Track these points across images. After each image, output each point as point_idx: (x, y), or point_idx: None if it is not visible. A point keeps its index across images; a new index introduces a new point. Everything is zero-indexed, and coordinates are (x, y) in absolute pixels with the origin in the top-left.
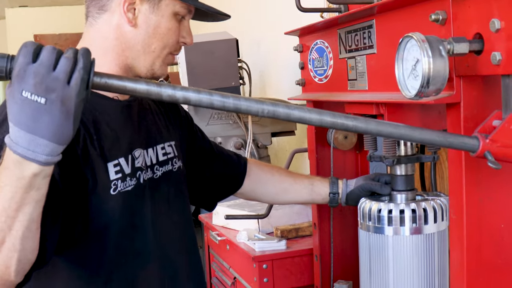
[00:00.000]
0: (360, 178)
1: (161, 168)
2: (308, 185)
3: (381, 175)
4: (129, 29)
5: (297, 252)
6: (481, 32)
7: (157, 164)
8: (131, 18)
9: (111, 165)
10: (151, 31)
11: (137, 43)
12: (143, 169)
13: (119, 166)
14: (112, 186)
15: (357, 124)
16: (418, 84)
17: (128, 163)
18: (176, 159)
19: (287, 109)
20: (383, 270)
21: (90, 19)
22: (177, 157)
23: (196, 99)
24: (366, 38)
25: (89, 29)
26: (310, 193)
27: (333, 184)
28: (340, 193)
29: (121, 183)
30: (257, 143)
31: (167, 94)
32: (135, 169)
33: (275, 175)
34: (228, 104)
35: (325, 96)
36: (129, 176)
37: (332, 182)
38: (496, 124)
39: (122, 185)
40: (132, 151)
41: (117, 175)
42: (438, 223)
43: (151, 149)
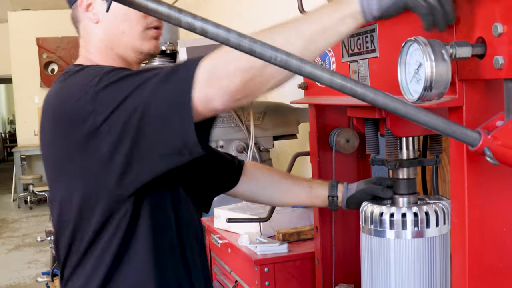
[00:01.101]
0: (361, 182)
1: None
2: (307, 187)
3: (382, 178)
4: (96, 27)
5: (298, 255)
6: (483, 36)
7: None
8: (91, 17)
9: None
10: (112, 18)
11: (108, 34)
12: None
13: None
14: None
15: (365, 92)
16: (420, 88)
17: None
18: None
19: (300, 62)
20: (385, 274)
21: (77, 33)
22: None
23: (213, 32)
24: (368, 42)
25: (80, 41)
26: (309, 196)
27: (332, 187)
28: (339, 196)
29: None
30: (259, 147)
31: (186, 21)
32: None
33: (274, 177)
34: (244, 44)
35: (327, 99)
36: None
37: (331, 185)
38: (500, 124)
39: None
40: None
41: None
42: (440, 226)
43: None
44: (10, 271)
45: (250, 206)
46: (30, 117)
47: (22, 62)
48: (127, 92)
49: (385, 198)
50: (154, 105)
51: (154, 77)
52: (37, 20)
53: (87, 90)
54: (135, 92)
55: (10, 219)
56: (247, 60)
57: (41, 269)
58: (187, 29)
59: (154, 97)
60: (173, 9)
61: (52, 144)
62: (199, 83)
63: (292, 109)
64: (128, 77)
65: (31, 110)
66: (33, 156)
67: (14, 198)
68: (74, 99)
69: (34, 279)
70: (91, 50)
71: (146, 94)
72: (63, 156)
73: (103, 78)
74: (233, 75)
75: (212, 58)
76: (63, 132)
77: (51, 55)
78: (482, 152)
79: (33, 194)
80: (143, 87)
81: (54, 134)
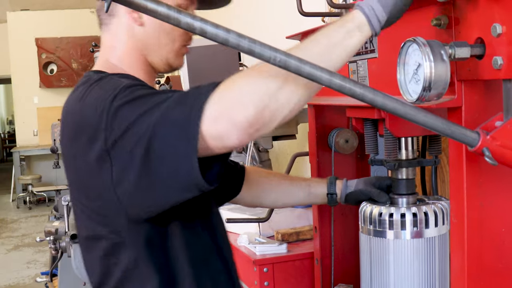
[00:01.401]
0: (361, 181)
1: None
2: (305, 186)
3: (382, 178)
4: (138, 29)
5: (297, 255)
6: (482, 36)
7: None
8: (136, 17)
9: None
10: (157, 27)
11: (148, 40)
12: None
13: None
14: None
15: (364, 92)
16: (419, 88)
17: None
18: None
19: (298, 62)
20: (384, 274)
21: (103, 26)
22: None
23: (213, 32)
24: (367, 43)
25: (105, 34)
26: (307, 195)
27: (331, 185)
28: (338, 193)
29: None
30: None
31: (185, 22)
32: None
33: (272, 180)
34: (243, 44)
35: (326, 100)
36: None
37: (329, 182)
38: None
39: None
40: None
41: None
42: (439, 227)
43: None
44: (9, 271)
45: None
46: (29, 118)
47: (21, 62)
48: (137, 115)
49: (380, 202)
50: (160, 135)
51: (165, 101)
52: (36, 21)
53: (102, 106)
54: (145, 117)
55: (9, 219)
56: (258, 88)
57: (40, 269)
58: (186, 29)
59: (160, 126)
60: (172, 9)
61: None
62: (207, 119)
63: None
64: (141, 98)
65: (30, 111)
66: (32, 157)
67: (13, 198)
68: (89, 114)
69: (33, 279)
70: (120, 48)
71: (154, 120)
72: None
73: (118, 96)
74: (244, 109)
75: (221, 91)
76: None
77: (50, 55)
78: (481, 153)
79: (32, 195)
80: (151, 112)
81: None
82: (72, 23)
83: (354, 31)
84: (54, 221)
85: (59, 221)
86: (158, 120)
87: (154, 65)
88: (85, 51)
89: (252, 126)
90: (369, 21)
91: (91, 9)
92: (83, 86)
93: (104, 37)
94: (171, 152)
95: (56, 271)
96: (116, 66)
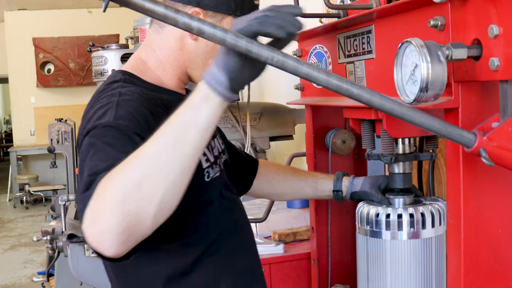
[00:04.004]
0: (368, 180)
1: (224, 155)
2: (312, 182)
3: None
4: (191, 42)
5: (294, 256)
6: (479, 38)
7: (221, 152)
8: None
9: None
10: (211, 46)
11: (196, 56)
12: (218, 157)
13: (205, 155)
14: (205, 174)
15: (361, 93)
16: (416, 89)
17: (210, 151)
18: (224, 151)
19: (296, 63)
20: (381, 274)
21: (156, 25)
22: (224, 150)
23: (210, 32)
24: (365, 43)
25: (155, 35)
26: (314, 190)
27: (337, 181)
28: (344, 190)
29: (212, 170)
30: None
31: (183, 22)
32: (215, 157)
33: (280, 174)
34: (240, 44)
35: (323, 100)
36: (214, 164)
37: (336, 179)
38: (495, 126)
39: (213, 172)
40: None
41: (207, 163)
42: (435, 227)
43: (215, 139)
44: (5, 271)
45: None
46: (26, 117)
47: (19, 62)
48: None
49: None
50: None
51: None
52: (34, 20)
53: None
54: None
55: (5, 219)
56: (120, 186)
57: (37, 269)
58: (184, 29)
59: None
60: (169, 9)
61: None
62: (86, 223)
63: (288, 110)
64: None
65: (27, 110)
66: (29, 156)
67: (10, 198)
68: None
69: (29, 279)
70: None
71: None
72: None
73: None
74: (109, 212)
75: (93, 197)
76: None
77: (47, 55)
78: (478, 154)
79: (29, 194)
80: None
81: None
82: (69, 23)
83: (200, 103)
84: (51, 221)
85: (56, 221)
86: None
87: (193, 79)
88: (83, 51)
89: (122, 234)
90: (211, 86)
91: (88, 9)
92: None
93: (152, 35)
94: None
95: (53, 271)
96: (150, 69)
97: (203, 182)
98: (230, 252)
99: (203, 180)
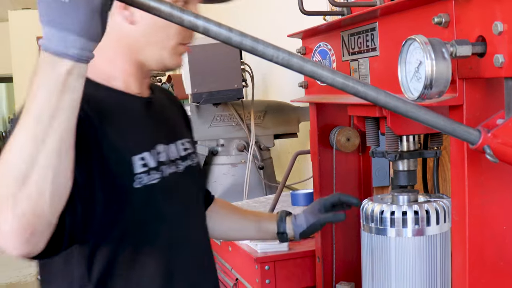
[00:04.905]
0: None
1: (183, 162)
2: (255, 222)
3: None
4: (129, 27)
5: (299, 253)
6: (484, 34)
7: (179, 159)
8: (127, 15)
9: (136, 158)
10: (151, 25)
11: (139, 39)
12: (167, 163)
13: (144, 160)
14: (136, 180)
15: (367, 91)
16: (421, 86)
17: (152, 157)
18: (194, 155)
19: (301, 61)
20: (385, 272)
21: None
22: (194, 153)
23: (215, 31)
24: (369, 41)
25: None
26: (258, 231)
27: (281, 221)
28: (289, 233)
29: (147, 177)
30: (259, 145)
31: (188, 20)
32: (159, 163)
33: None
34: (246, 42)
35: (327, 98)
36: (154, 170)
37: (280, 219)
38: (500, 122)
39: (147, 179)
40: (155, 145)
41: (142, 168)
42: (440, 224)
43: (173, 145)
44: (11, 269)
45: (250, 204)
46: None
47: (23, 61)
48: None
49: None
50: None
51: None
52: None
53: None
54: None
55: None
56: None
57: None
58: (189, 28)
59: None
60: (175, 8)
61: None
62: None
63: (292, 108)
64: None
65: None
66: None
67: None
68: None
69: (34, 277)
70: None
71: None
72: None
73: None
74: (5, 218)
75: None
76: None
77: None
78: (482, 150)
79: None
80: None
81: None
82: None
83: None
84: None
85: None
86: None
87: (146, 65)
88: None
89: (24, 231)
90: (57, 51)
91: None
92: None
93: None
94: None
95: None
96: (103, 71)
97: (130, 188)
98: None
99: (131, 187)
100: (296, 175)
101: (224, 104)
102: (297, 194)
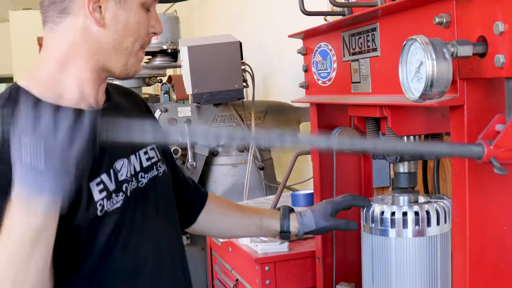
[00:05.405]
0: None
1: (146, 174)
2: (257, 220)
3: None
4: (98, 30)
5: (299, 254)
6: (485, 35)
7: (141, 171)
8: (98, 18)
9: (93, 184)
10: (121, 28)
11: (107, 43)
12: (129, 180)
13: (102, 184)
14: (98, 207)
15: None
16: (421, 86)
17: (111, 178)
18: (160, 163)
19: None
20: (386, 273)
21: (51, 24)
22: (160, 161)
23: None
24: (369, 41)
25: (51, 35)
26: (259, 229)
27: (284, 218)
28: (292, 231)
29: (108, 202)
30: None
31: (176, 139)
32: (119, 183)
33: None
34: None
35: (328, 98)
36: (114, 193)
37: (283, 217)
38: (500, 128)
39: (109, 203)
40: (114, 163)
41: (101, 194)
42: (441, 225)
43: (134, 156)
44: None
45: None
46: None
47: (23, 61)
48: None
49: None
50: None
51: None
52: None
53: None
54: None
55: None
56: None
57: None
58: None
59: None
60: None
61: None
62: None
63: (293, 108)
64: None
65: None
66: None
67: None
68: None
69: None
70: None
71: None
72: None
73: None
74: None
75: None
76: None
77: None
78: (489, 163)
79: None
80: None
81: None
82: None
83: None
84: None
85: None
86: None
87: (110, 70)
88: None
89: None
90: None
91: None
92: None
93: (47, 38)
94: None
95: None
96: (53, 77)
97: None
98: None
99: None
100: (296, 176)
101: (224, 105)
102: (297, 194)
